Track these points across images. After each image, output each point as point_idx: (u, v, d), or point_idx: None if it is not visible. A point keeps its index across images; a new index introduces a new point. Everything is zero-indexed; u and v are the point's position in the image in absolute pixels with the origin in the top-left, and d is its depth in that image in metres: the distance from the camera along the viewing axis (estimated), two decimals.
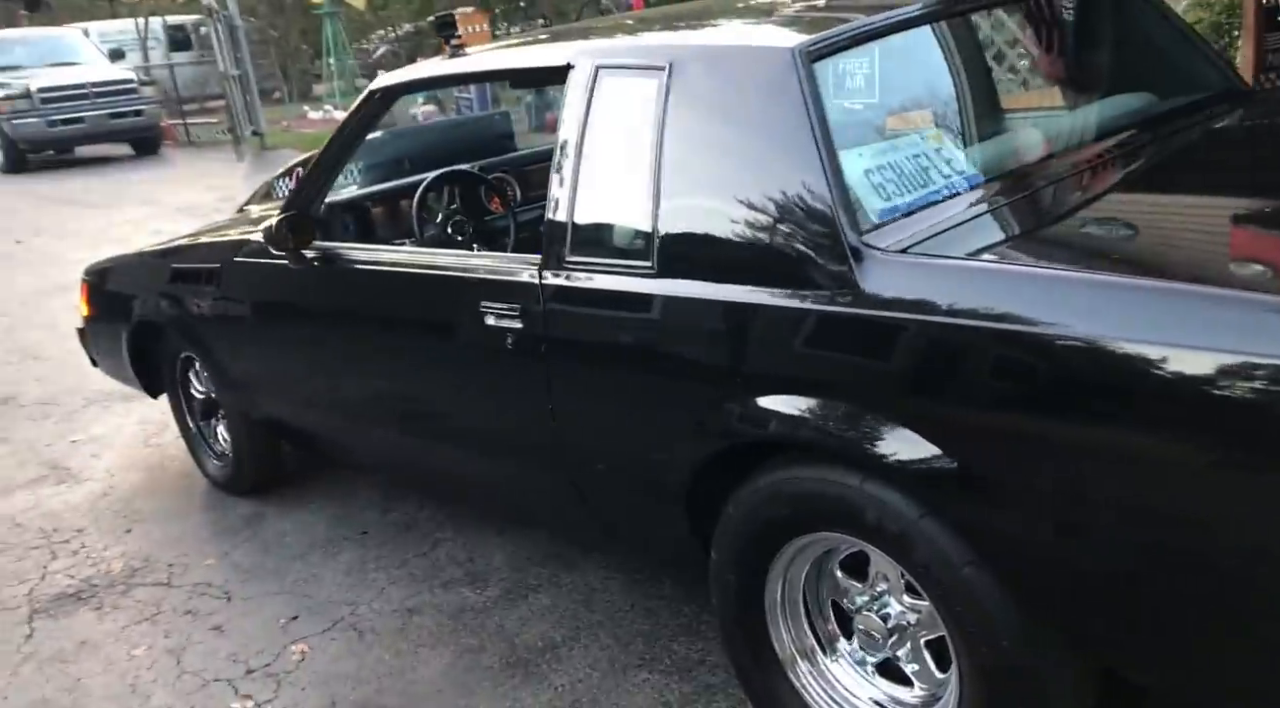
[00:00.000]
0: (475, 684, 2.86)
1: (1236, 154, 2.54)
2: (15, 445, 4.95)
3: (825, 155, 2.09)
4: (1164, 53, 2.87)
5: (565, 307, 2.50)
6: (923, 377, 1.95)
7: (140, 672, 3.10)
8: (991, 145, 2.44)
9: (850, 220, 2.05)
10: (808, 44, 2.20)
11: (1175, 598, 1.77)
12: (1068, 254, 2.02)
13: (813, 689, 2.33)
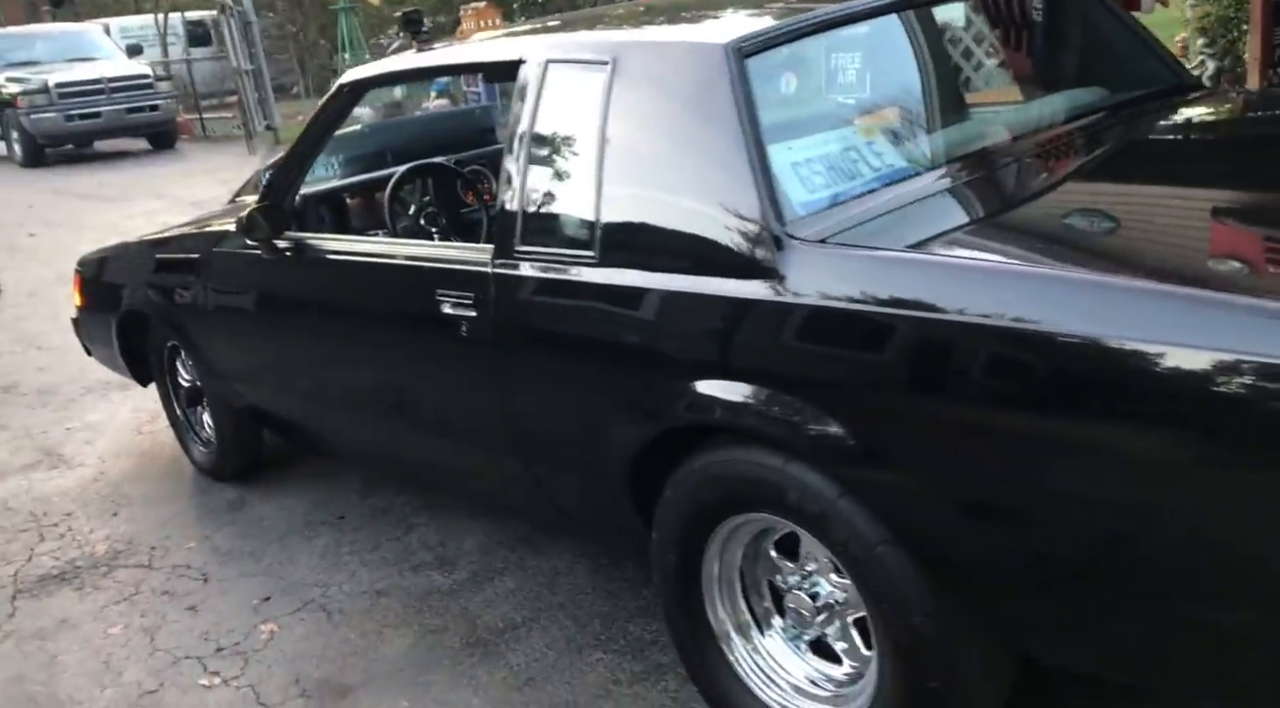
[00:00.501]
0: (435, 663, 2.94)
1: (1170, 148, 2.59)
2: (13, 432, 5.07)
3: (752, 148, 2.15)
4: (1112, 49, 2.91)
5: (514, 295, 2.57)
6: (836, 362, 2.02)
7: (115, 649, 3.19)
8: (924, 139, 2.49)
9: (775, 211, 2.11)
10: (739, 40, 2.27)
11: (1078, 578, 1.83)
12: (978, 244, 2.07)
13: (746, 664, 2.40)
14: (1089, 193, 2.27)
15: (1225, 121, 2.74)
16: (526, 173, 2.55)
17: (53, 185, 13.27)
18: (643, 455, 2.39)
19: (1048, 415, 1.77)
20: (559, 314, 2.51)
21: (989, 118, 2.66)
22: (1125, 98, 2.78)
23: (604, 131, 2.40)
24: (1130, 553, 1.75)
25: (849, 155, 2.28)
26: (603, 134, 2.40)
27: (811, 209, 2.17)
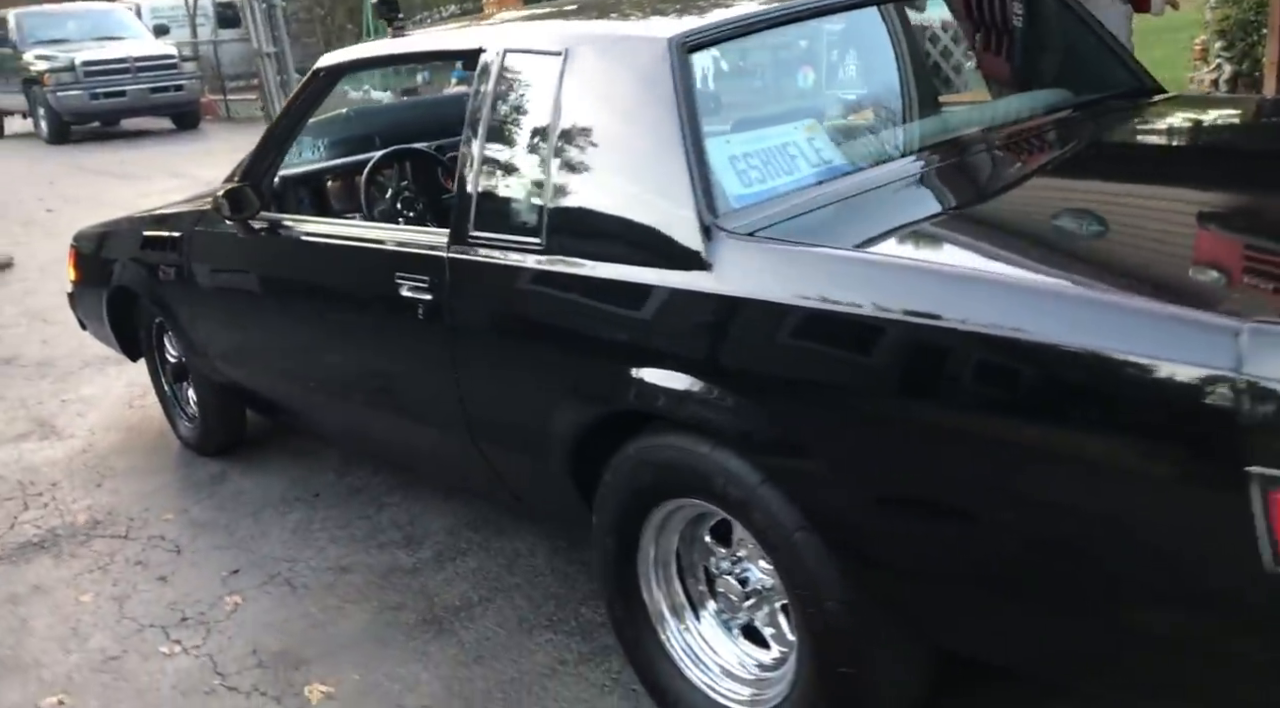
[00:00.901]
0: (390, 638, 3.00)
1: (1111, 152, 2.61)
2: (9, 403, 5.17)
3: (689, 140, 2.19)
4: (1074, 51, 2.93)
5: (467, 280, 2.62)
6: (756, 353, 2.06)
7: (84, 616, 3.28)
8: (865, 137, 2.52)
9: (708, 203, 2.16)
10: (683, 35, 2.31)
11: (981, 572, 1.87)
12: (899, 241, 2.10)
13: (678, 646, 2.44)
14: (1020, 193, 2.30)
15: (1175, 128, 2.76)
16: (481, 160, 2.61)
17: (76, 162, 13.44)
18: (584, 440, 2.44)
19: (951, 410, 1.81)
20: (507, 299, 2.56)
21: (934, 117, 2.69)
22: (1082, 100, 2.80)
23: (554, 121, 2.45)
24: (1032, 548, 1.78)
25: (788, 151, 2.32)
26: (553, 124, 2.45)
27: (746, 202, 2.21)
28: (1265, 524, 1.47)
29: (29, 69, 15.18)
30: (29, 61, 15.23)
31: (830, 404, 1.96)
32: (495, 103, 2.60)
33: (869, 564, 2.01)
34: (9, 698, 2.92)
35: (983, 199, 2.25)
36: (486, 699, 2.71)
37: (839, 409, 1.95)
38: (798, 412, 2.01)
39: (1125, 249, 1.99)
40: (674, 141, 2.21)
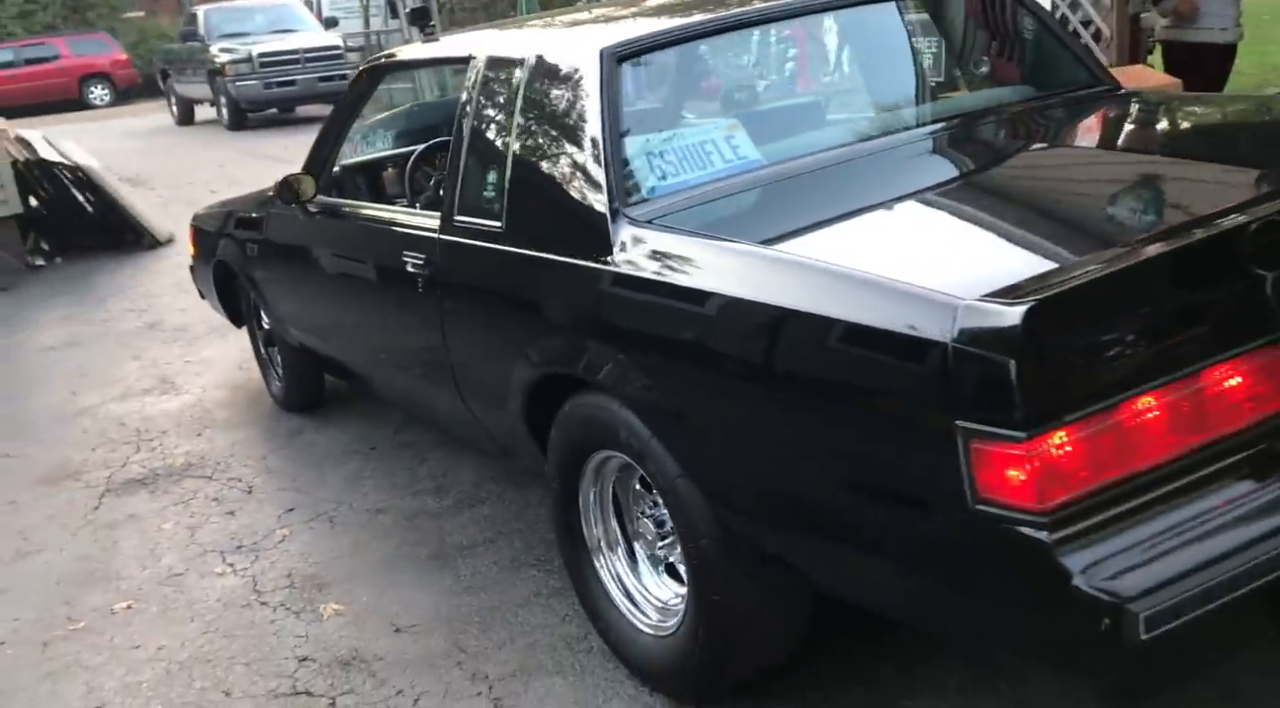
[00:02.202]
0: (402, 568, 3.45)
1: (1008, 147, 2.82)
2: (143, 362, 5.89)
3: (609, 137, 2.54)
4: (1017, 52, 3.13)
5: (451, 257, 3.03)
6: (641, 324, 2.40)
7: (161, 540, 3.85)
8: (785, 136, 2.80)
9: (619, 193, 2.50)
10: (615, 46, 2.65)
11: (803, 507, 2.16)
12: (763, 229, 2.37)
13: (609, 576, 2.79)
14: (894, 188, 2.52)
15: (1077, 126, 2.92)
16: (464, 152, 3.00)
17: (247, 147, 14.51)
18: (535, 398, 2.82)
19: (773, 375, 2.11)
20: (478, 275, 2.96)
21: (851, 118, 2.94)
22: (1017, 98, 3.01)
23: (514, 119, 2.83)
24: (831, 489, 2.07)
25: (704, 148, 2.63)
26: (513, 121, 2.83)
27: (657, 193, 2.54)
28: (967, 469, 1.74)
29: (213, 61, 16.41)
30: (214, 54, 16.46)
31: (692, 369, 2.29)
32: (476, 102, 2.99)
33: (730, 506, 2.32)
34: (92, 601, 3.49)
35: (862, 193, 2.50)
36: (466, 622, 3.12)
37: (699, 373, 2.28)
38: (672, 376, 2.34)
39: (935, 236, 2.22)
40: (596, 137, 2.55)
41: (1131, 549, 1.69)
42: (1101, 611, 1.62)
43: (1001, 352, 1.68)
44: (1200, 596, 1.64)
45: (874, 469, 1.95)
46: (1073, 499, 1.70)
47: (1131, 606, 1.60)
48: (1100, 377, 1.74)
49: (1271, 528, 1.73)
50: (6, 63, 24.90)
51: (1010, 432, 1.68)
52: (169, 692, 2.98)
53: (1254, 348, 1.85)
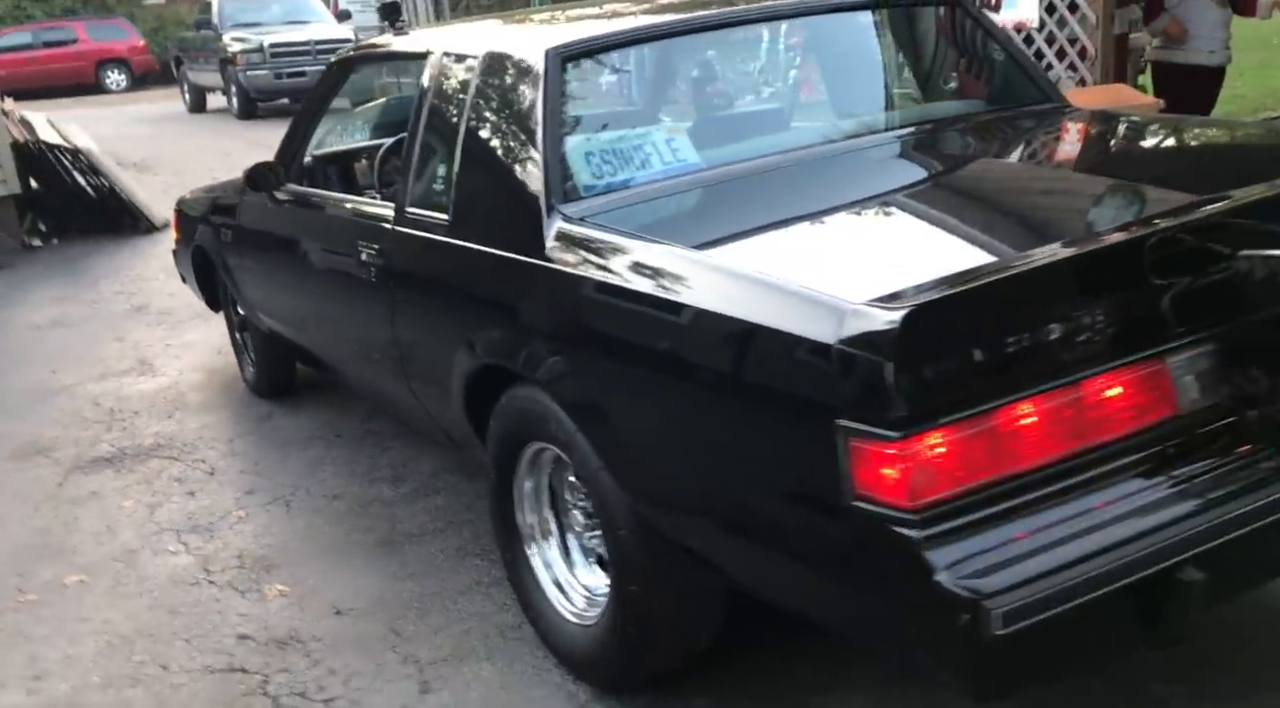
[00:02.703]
0: (350, 553, 3.52)
1: (937, 158, 2.87)
2: (126, 344, 5.97)
3: (548, 136, 2.60)
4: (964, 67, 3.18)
5: (402, 248, 3.10)
6: (566, 318, 2.46)
7: (121, 518, 3.92)
8: (726, 141, 2.85)
9: (556, 190, 2.56)
10: (561, 47, 2.71)
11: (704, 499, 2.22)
12: (696, 231, 2.43)
13: (542, 565, 2.84)
14: (819, 195, 2.57)
15: (1008, 139, 2.97)
16: (418, 146, 3.07)
17: (255, 136, 14.58)
18: (473, 389, 2.87)
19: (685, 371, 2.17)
20: (424, 266, 3.02)
21: (792, 125, 3.00)
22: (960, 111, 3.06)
23: (465, 115, 2.89)
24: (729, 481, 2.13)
25: (644, 149, 2.68)
26: (464, 116, 2.89)
27: (593, 191, 2.60)
28: (846, 467, 1.79)
29: (226, 50, 16.51)
30: (226, 43, 16.57)
31: (611, 363, 2.35)
32: (431, 96, 3.06)
33: (643, 497, 2.37)
34: (44, 574, 3.56)
35: (791, 200, 2.55)
36: (405, 607, 3.18)
37: (616, 367, 2.33)
38: (594, 369, 2.40)
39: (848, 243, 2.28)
40: (537, 135, 2.61)
41: (998, 549, 1.74)
42: (960, 606, 1.67)
43: (879, 354, 1.73)
44: (1058, 595, 1.69)
45: (768, 464, 2.01)
46: (943, 499, 1.76)
47: (988, 602, 1.66)
48: (977, 381, 1.79)
49: (1133, 533, 1.78)
50: (25, 45, 25.05)
51: (885, 431, 1.74)
52: (109, 664, 3.04)
53: (1134, 360, 1.90)
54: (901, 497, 1.74)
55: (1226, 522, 1.82)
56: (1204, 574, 1.77)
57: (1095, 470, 1.86)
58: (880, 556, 1.79)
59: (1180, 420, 1.94)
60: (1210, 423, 1.96)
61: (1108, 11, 6.10)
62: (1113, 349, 1.89)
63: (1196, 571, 1.77)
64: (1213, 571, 1.78)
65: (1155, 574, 1.76)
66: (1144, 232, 1.94)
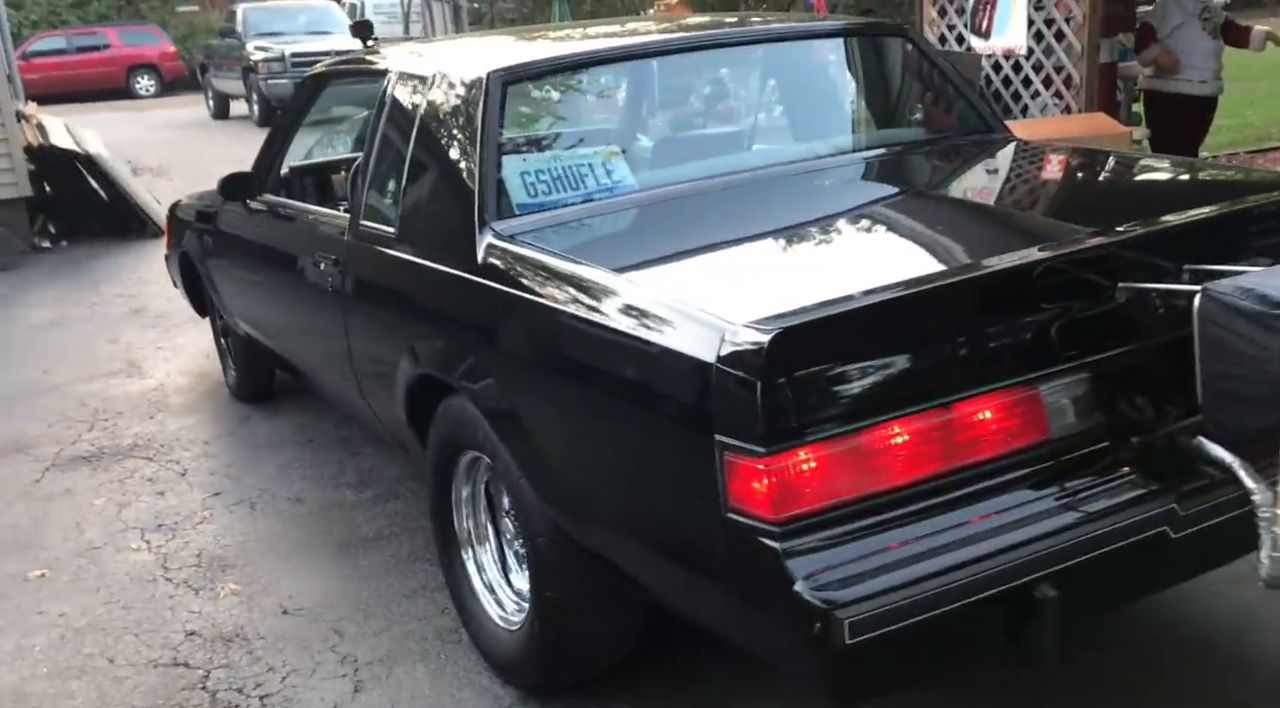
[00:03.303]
0: (306, 555, 3.61)
1: (894, 187, 2.94)
2: (118, 346, 6.10)
3: (486, 155, 2.69)
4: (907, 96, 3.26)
5: (353, 261, 3.20)
6: (490, 330, 2.55)
7: (90, 515, 4.03)
8: (662, 165, 2.94)
9: (490, 207, 2.65)
10: (503, 70, 2.80)
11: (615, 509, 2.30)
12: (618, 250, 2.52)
13: (475, 570, 2.93)
14: (741, 219, 2.65)
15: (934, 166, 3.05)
16: (372, 161, 3.17)
17: None
18: (415, 397, 2.96)
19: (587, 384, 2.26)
20: (373, 277, 3.12)
21: (727, 151, 3.08)
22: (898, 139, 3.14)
23: (414, 132, 2.99)
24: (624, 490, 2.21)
25: (580, 171, 2.77)
26: (413, 134, 2.99)
27: (527, 210, 2.69)
28: (722, 480, 1.87)
29: (249, 58, 16.76)
30: (249, 51, 16.82)
31: (526, 375, 2.44)
32: (385, 113, 3.16)
33: (556, 505, 2.45)
34: (8, 568, 3.67)
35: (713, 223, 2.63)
36: (350, 609, 3.27)
37: (531, 379, 2.42)
38: (512, 380, 2.49)
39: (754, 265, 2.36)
40: (475, 154, 2.71)
41: (857, 561, 1.81)
42: (814, 615, 1.74)
43: (750, 373, 1.81)
44: (909, 608, 1.75)
45: (661, 475, 2.09)
46: (808, 512, 1.83)
47: (839, 612, 1.73)
48: (846, 402, 1.86)
49: (990, 551, 1.85)
50: (58, 50, 25.46)
51: (754, 447, 1.81)
52: (58, 656, 3.14)
53: (1007, 386, 1.97)
54: (767, 510, 1.82)
55: (1083, 543, 1.88)
56: (1059, 592, 1.83)
57: (962, 490, 1.93)
58: (750, 565, 1.86)
59: (1050, 444, 2.01)
60: (1081, 448, 2.03)
61: (1092, 41, 6.16)
62: (985, 374, 1.97)
63: (1051, 589, 1.83)
64: (1068, 589, 1.85)
65: (1011, 590, 1.83)
66: (1018, 263, 2.01)
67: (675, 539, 2.09)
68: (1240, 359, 1.87)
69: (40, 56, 24.75)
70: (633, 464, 2.17)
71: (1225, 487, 2.00)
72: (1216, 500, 2.00)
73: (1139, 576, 2.04)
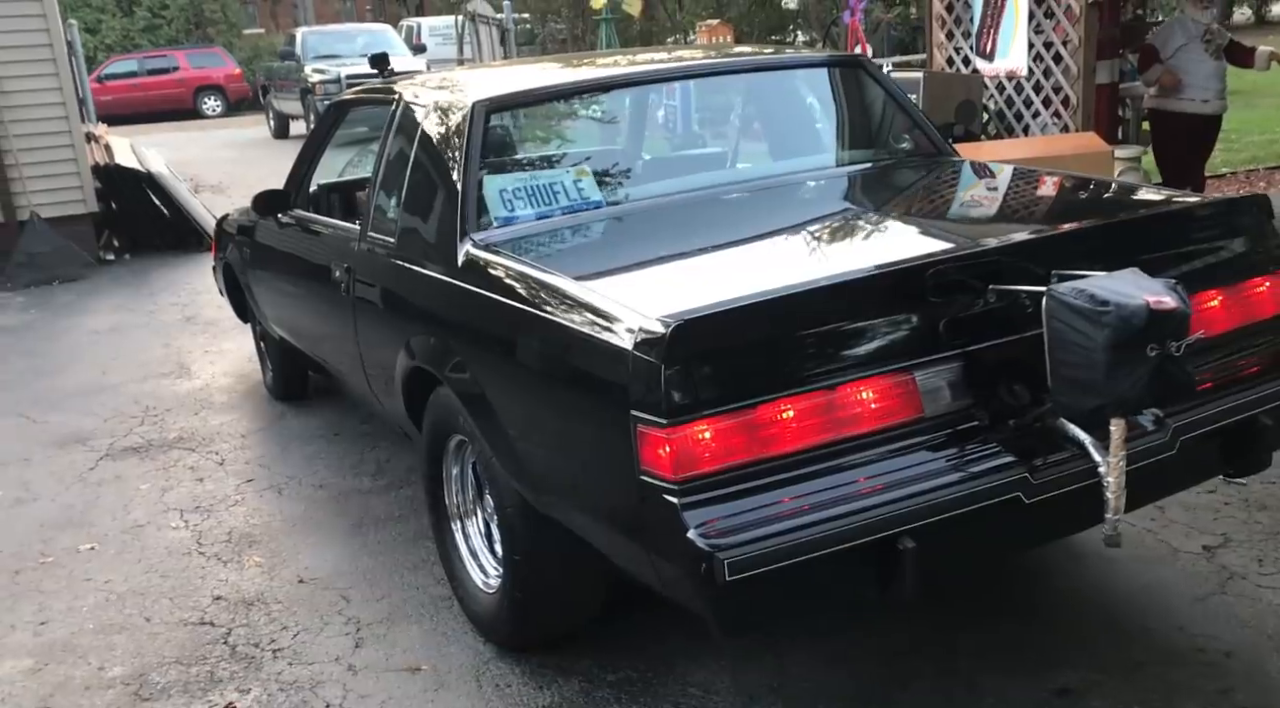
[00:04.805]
0: (323, 533, 4.02)
1: (832, 203, 3.29)
2: (170, 350, 6.59)
3: (468, 174, 3.08)
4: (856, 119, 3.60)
5: (361, 268, 3.60)
6: (466, 328, 2.93)
7: (135, 498, 4.47)
8: (626, 184, 3.31)
9: (471, 219, 3.03)
10: (487, 100, 3.19)
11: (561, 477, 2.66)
12: (576, 256, 2.89)
13: (462, 539, 3.29)
14: (703, 232, 3.01)
15: (883, 184, 3.38)
16: (380, 179, 3.58)
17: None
18: (410, 387, 3.35)
19: (538, 370, 2.63)
20: (377, 282, 3.52)
21: (688, 172, 3.45)
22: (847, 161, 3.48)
23: (413, 154, 3.39)
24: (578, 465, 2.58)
25: (553, 188, 3.15)
26: (412, 155, 3.39)
27: (502, 222, 3.07)
28: (635, 447, 2.22)
29: (306, 80, 17.44)
30: (307, 73, 17.50)
31: (493, 364, 2.81)
32: (392, 137, 3.57)
33: (518, 478, 2.82)
34: (64, 541, 4.12)
35: (664, 235, 2.99)
36: (359, 578, 3.67)
37: (497, 367, 2.80)
38: (484, 370, 2.86)
39: (688, 269, 2.72)
40: (459, 172, 3.10)
41: (742, 515, 2.15)
42: (701, 557, 2.09)
43: (656, 358, 2.17)
44: (781, 551, 2.09)
45: (594, 447, 2.45)
46: (703, 474, 2.17)
47: (720, 554, 2.07)
48: (740, 382, 2.21)
49: (859, 507, 2.18)
50: (130, 73, 26.49)
51: (658, 419, 2.17)
52: (102, 615, 3.56)
53: (884, 371, 2.31)
54: (669, 471, 2.17)
55: (940, 503, 2.20)
56: (918, 544, 2.16)
57: (842, 458, 2.26)
58: (657, 519, 2.21)
59: (925, 422, 2.34)
60: (952, 426, 2.36)
61: (1089, 64, 6.44)
62: (866, 361, 2.30)
63: (911, 540, 2.16)
64: (928, 542, 2.17)
65: (875, 541, 2.16)
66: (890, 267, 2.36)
67: (607, 502, 2.45)
68: (1075, 349, 2.19)
69: (114, 79, 25.81)
70: (574, 439, 2.53)
71: (1078, 461, 2.32)
72: (1066, 472, 2.31)
73: (998, 536, 2.36)
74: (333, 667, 3.17)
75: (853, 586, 2.26)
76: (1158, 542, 3.49)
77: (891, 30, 18.51)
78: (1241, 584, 3.21)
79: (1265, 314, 2.75)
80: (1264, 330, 2.74)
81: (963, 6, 7.29)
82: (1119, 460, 2.21)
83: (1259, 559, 3.34)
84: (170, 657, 3.29)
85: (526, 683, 3.01)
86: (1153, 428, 2.42)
